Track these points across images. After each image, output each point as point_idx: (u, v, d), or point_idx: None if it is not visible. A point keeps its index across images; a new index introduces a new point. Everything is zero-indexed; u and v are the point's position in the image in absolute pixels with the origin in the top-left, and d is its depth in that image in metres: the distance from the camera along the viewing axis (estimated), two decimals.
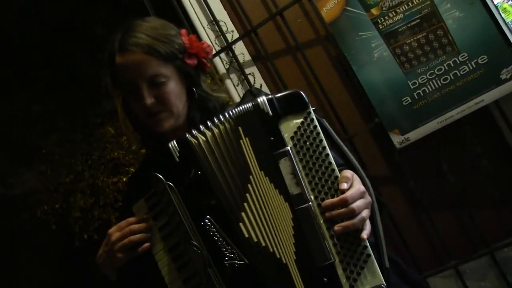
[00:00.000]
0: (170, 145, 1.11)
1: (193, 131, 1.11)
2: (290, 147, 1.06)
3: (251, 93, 1.32)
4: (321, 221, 1.04)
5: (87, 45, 7.63)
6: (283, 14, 2.07)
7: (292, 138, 1.07)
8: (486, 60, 1.85)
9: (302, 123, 1.07)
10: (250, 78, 2.17)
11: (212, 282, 1.06)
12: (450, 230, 2.02)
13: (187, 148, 1.10)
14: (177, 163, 1.10)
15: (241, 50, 2.21)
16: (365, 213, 1.05)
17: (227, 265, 1.06)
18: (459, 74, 1.88)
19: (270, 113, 1.08)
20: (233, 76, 2.23)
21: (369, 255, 1.03)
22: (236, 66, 2.19)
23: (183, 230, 1.08)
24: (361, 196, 1.05)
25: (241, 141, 1.09)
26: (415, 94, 1.92)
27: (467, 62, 1.87)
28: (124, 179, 8.88)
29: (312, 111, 1.07)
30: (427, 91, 1.91)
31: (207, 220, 1.08)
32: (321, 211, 1.04)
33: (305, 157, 1.06)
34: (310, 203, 1.05)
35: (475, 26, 1.85)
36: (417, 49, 1.91)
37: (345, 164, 1.15)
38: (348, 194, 1.03)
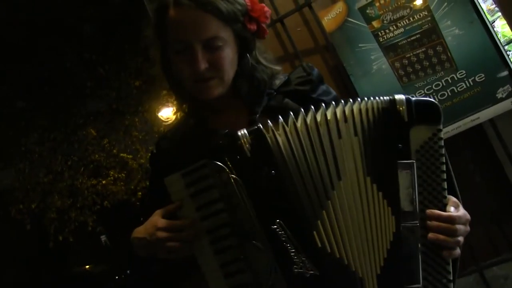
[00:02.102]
0: (240, 134, 0.96)
1: (269, 121, 0.96)
2: (414, 161, 0.95)
3: (304, 70, 1.17)
4: (419, 245, 0.96)
5: (74, 43, 7.55)
6: (283, 21, 2.07)
7: (417, 151, 0.95)
8: (483, 78, 1.86)
9: (430, 138, 0.95)
10: None
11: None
12: None
13: (260, 141, 0.95)
14: (247, 157, 0.95)
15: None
16: (461, 239, 0.98)
17: (296, 273, 0.95)
18: (456, 91, 1.89)
19: (406, 117, 0.94)
20: None
21: None
22: None
23: (247, 230, 0.96)
24: (465, 222, 0.99)
25: (341, 141, 0.95)
26: None
27: (465, 79, 1.88)
28: (103, 182, 8.77)
29: (442, 129, 0.96)
30: None
31: (277, 224, 0.95)
32: (422, 233, 0.96)
33: (423, 176, 0.96)
34: (418, 223, 0.95)
35: (474, 45, 1.87)
36: (416, 64, 1.92)
37: (450, 191, 1.04)
38: (456, 214, 0.96)
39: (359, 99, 0.97)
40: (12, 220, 8.59)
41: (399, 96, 0.95)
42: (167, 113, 8.28)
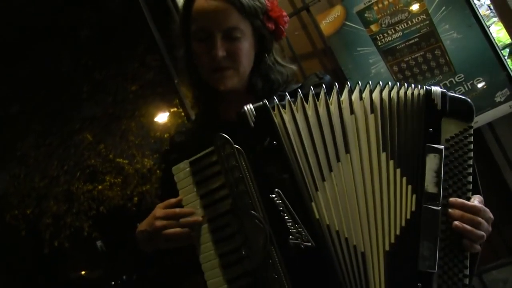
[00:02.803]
0: (246, 108, 0.99)
1: (275, 99, 1.00)
2: (443, 148, 0.98)
3: (317, 75, 1.22)
4: (439, 231, 0.96)
5: (71, 47, 7.53)
6: None
7: (447, 140, 0.99)
8: (482, 82, 1.86)
9: (461, 132, 0.99)
10: None
11: (269, 260, 0.95)
12: None
13: (265, 115, 0.98)
14: (251, 128, 0.98)
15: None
16: (484, 234, 0.97)
17: (292, 244, 0.95)
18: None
19: (439, 106, 0.99)
20: None
21: (465, 285, 0.96)
22: None
23: (245, 200, 0.96)
24: (488, 220, 0.99)
25: (352, 115, 0.98)
26: None
27: (463, 83, 1.88)
28: (99, 187, 8.74)
29: (473, 127, 1.00)
30: None
31: (275, 194, 0.96)
32: (443, 219, 0.96)
33: (449, 165, 0.98)
34: (440, 207, 0.96)
35: (472, 48, 1.87)
36: (415, 67, 1.92)
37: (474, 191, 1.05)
38: (481, 206, 0.97)
39: (397, 83, 1.01)
40: (7, 226, 8.54)
41: (436, 88, 0.99)
42: (163, 118, 8.27)
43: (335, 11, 1.99)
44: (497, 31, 1.93)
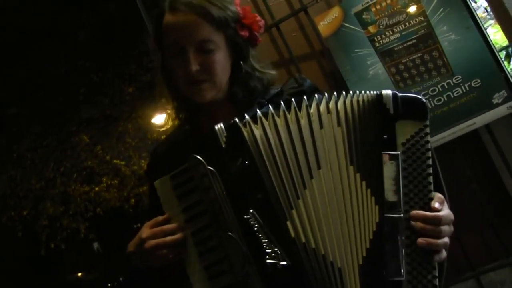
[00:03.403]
0: (216, 128, 0.98)
1: (245, 115, 0.99)
2: (400, 153, 0.97)
3: (296, 80, 1.22)
4: (403, 237, 0.96)
5: (68, 49, 7.51)
6: (279, 26, 2.06)
7: (403, 144, 0.97)
8: (479, 83, 1.86)
9: (417, 133, 0.97)
10: None
11: (249, 280, 0.96)
12: None
13: (236, 134, 0.98)
14: (222, 148, 0.98)
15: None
16: (447, 240, 0.98)
17: (268, 264, 0.95)
18: (452, 96, 1.89)
19: (392, 110, 0.97)
20: None
21: (435, 286, 0.97)
22: None
23: (221, 220, 0.97)
24: (449, 223, 0.99)
25: (322, 130, 0.97)
26: None
27: (461, 84, 1.88)
28: (96, 189, 8.72)
29: (428, 124, 0.98)
30: None
31: (250, 214, 0.96)
32: (407, 225, 0.96)
33: (408, 169, 0.97)
34: (402, 214, 0.96)
35: (469, 50, 1.87)
36: (412, 69, 1.92)
37: (436, 189, 1.04)
38: (441, 214, 0.96)
39: (344, 92, 0.99)
40: (3, 227, 8.51)
41: (386, 91, 0.98)
42: (161, 120, 8.26)
43: (333, 12, 1.99)
44: (494, 33, 1.93)
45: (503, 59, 1.87)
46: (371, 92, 0.99)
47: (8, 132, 7.85)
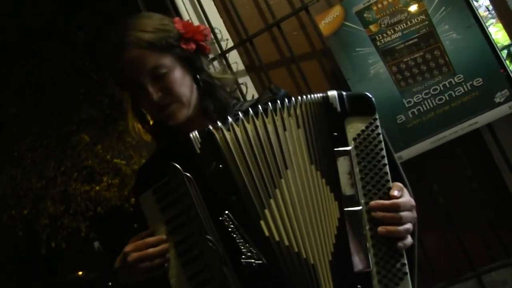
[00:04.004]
0: (191, 135, 1.04)
1: (218, 122, 1.05)
2: (352, 148, 1.03)
3: (270, 90, 1.24)
4: (367, 228, 1.01)
5: (68, 49, 7.50)
6: (280, 25, 2.06)
7: (354, 139, 1.03)
8: (481, 82, 1.86)
9: (367, 127, 1.03)
10: (243, 88, 2.13)
11: (227, 281, 0.99)
12: (437, 251, 2.00)
13: (210, 139, 1.04)
14: (197, 154, 1.04)
15: (235, 59, 2.18)
16: (410, 226, 1.02)
17: (244, 264, 0.99)
18: (454, 95, 1.88)
19: (339, 108, 1.04)
20: None
21: (405, 273, 1.00)
22: None
23: (198, 224, 1.01)
24: (410, 209, 1.04)
25: (286, 133, 1.04)
26: (409, 112, 1.91)
27: (463, 83, 1.87)
28: (97, 188, 8.71)
29: (378, 118, 1.04)
30: (422, 110, 1.90)
31: (225, 216, 1.00)
32: (369, 217, 1.01)
33: (363, 161, 1.03)
34: (361, 207, 1.01)
35: (471, 49, 1.86)
36: (414, 68, 1.91)
37: (396, 178, 1.09)
38: (400, 200, 1.01)
39: (299, 97, 1.07)
40: (4, 227, 8.50)
41: (332, 92, 1.06)
42: None
43: (334, 11, 1.98)
44: (496, 32, 1.92)
45: (505, 58, 1.86)
46: (319, 94, 1.06)
47: (8, 132, 7.85)
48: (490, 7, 1.88)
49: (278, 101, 1.06)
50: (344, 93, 1.06)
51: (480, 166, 2.00)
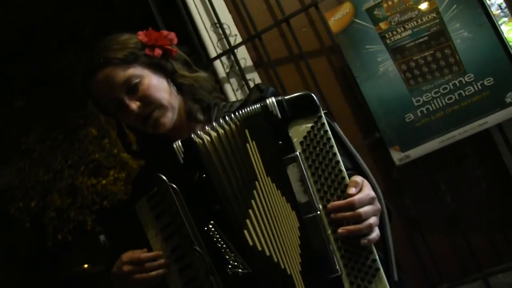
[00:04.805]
0: (174, 145, 1.06)
1: (198, 131, 1.06)
2: (299, 153, 1.00)
3: (258, 88, 1.25)
4: (329, 232, 0.99)
5: (74, 44, 7.51)
6: (289, 21, 2.04)
7: (301, 143, 1.01)
8: (492, 82, 1.83)
9: (312, 127, 1.01)
10: (251, 84, 2.13)
11: None
12: (444, 252, 1.99)
13: (192, 148, 1.05)
14: (181, 164, 1.05)
15: (243, 54, 2.17)
16: (373, 220, 0.99)
17: (230, 273, 1.01)
18: (464, 95, 1.86)
19: (279, 115, 1.02)
20: (233, 80, 2.18)
21: (377, 269, 0.98)
22: (237, 71, 2.15)
23: (185, 234, 1.03)
24: (370, 202, 1.00)
25: (247, 144, 1.04)
26: (418, 111, 1.89)
27: (473, 83, 1.85)
28: (103, 182, 8.73)
29: (323, 115, 1.01)
30: (431, 109, 1.88)
31: (210, 226, 1.02)
32: (329, 220, 0.99)
33: (314, 164, 1.00)
34: (318, 212, 0.99)
35: (482, 48, 1.84)
36: (424, 67, 1.89)
37: (355, 170, 1.09)
38: (356, 198, 0.98)
39: (244, 109, 1.06)
40: (11, 218, 8.56)
41: (270, 100, 1.03)
42: None
43: (344, 8, 1.97)
44: (508, 31, 1.89)
45: None
46: (257, 105, 1.04)
47: (16, 124, 7.89)
48: (503, 5, 1.85)
49: (233, 114, 1.06)
50: (283, 98, 1.04)
51: (489, 166, 1.98)
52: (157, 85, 1.20)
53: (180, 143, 1.06)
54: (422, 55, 1.89)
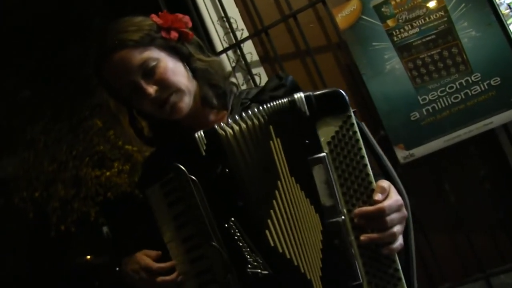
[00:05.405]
0: (196, 136, 0.99)
1: (221, 123, 1.00)
2: (326, 153, 0.94)
3: (277, 76, 1.20)
4: (353, 238, 0.94)
5: (82, 35, 7.51)
6: (296, 16, 2.03)
7: (329, 143, 0.95)
8: (499, 82, 1.82)
9: (341, 127, 0.94)
10: (256, 78, 2.12)
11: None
12: (446, 251, 1.98)
13: (216, 141, 0.99)
14: (202, 156, 0.99)
15: (249, 49, 2.16)
16: (397, 228, 0.94)
17: (250, 273, 0.96)
18: (470, 94, 1.85)
19: (308, 112, 0.95)
20: (238, 75, 2.18)
21: (399, 279, 0.94)
22: (243, 65, 2.14)
23: (204, 229, 0.98)
24: (397, 209, 0.95)
25: (271, 141, 0.97)
26: (424, 110, 1.89)
27: (480, 82, 1.84)
28: (107, 174, 8.76)
29: (352, 114, 0.95)
30: (437, 108, 1.88)
31: (231, 223, 0.97)
32: (353, 225, 0.94)
33: (341, 166, 0.95)
34: (343, 217, 0.94)
35: (490, 48, 1.83)
36: (430, 65, 1.88)
37: (383, 174, 1.04)
38: (385, 204, 0.93)
39: (270, 103, 0.99)
40: (15, 208, 8.60)
41: (298, 94, 0.96)
42: None
43: (352, 5, 1.96)
44: None
45: None
46: (285, 99, 0.98)
47: (21, 115, 7.91)
48: None
49: (257, 108, 1.01)
50: (311, 93, 0.97)
51: (493, 167, 1.97)
52: (174, 69, 1.15)
53: (202, 133, 0.99)
54: (429, 54, 1.88)
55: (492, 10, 1.81)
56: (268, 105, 0.99)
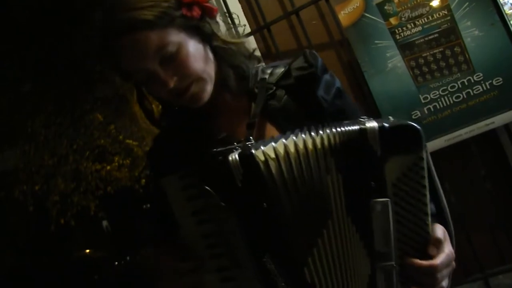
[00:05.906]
0: (230, 159, 0.85)
1: (261, 147, 0.86)
2: (390, 196, 0.84)
3: (305, 58, 1.06)
4: (398, 286, 0.88)
5: (84, 29, 7.50)
6: (298, 13, 2.03)
7: (393, 185, 0.84)
8: (501, 82, 1.82)
9: (410, 169, 0.83)
10: None
11: None
12: None
13: (253, 169, 0.85)
14: (238, 187, 0.85)
15: (251, 45, 2.15)
16: (445, 283, 0.90)
17: None
18: (472, 94, 1.84)
19: (379, 152, 0.83)
20: None
21: None
22: None
23: (236, 255, 0.89)
24: (449, 263, 0.90)
25: (329, 176, 0.85)
26: (425, 108, 1.88)
27: (482, 82, 1.83)
28: (108, 168, 8.76)
29: (424, 156, 0.83)
30: (438, 107, 1.87)
31: (267, 258, 0.87)
32: (399, 271, 0.88)
33: (402, 211, 0.86)
34: (393, 262, 0.87)
35: (493, 47, 1.83)
36: (432, 64, 1.88)
37: (437, 215, 0.96)
38: (438, 261, 0.86)
39: (334, 129, 0.85)
40: (15, 201, 8.61)
41: (371, 125, 0.82)
42: None
43: (355, 2, 1.95)
44: None
45: None
46: (355, 127, 0.84)
47: (22, 108, 7.92)
48: None
49: (318, 130, 0.86)
50: (386, 125, 0.82)
51: (494, 167, 1.97)
52: (195, 53, 0.99)
53: (238, 158, 0.84)
54: (431, 52, 1.88)
55: (496, 9, 1.80)
56: (330, 129, 0.85)
